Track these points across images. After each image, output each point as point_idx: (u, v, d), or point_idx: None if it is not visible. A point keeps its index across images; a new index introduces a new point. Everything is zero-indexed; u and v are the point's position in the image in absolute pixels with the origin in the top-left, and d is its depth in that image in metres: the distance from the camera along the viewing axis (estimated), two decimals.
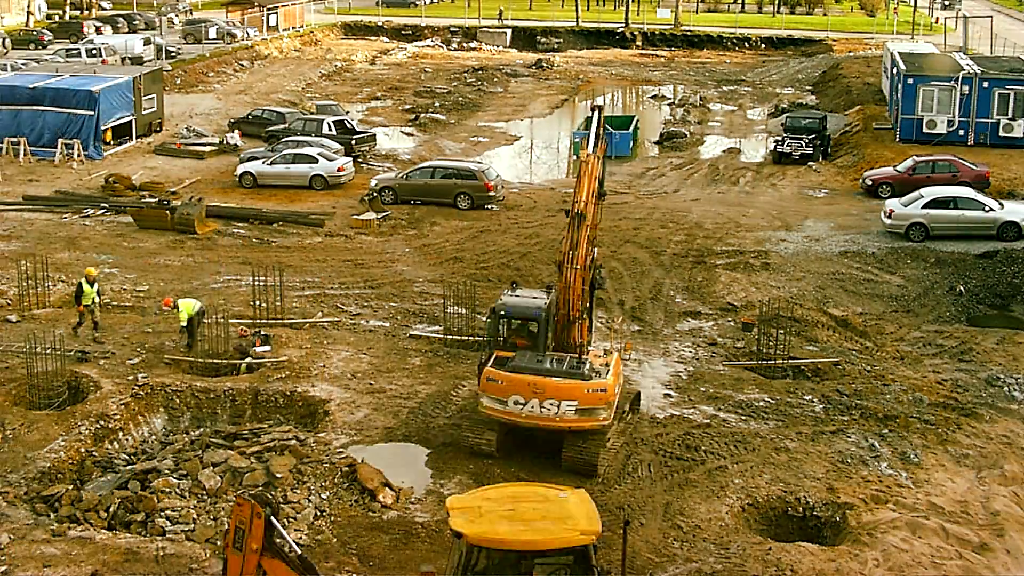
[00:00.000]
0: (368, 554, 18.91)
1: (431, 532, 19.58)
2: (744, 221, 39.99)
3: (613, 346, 28.06)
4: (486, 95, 69.93)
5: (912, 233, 36.97)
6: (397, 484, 21.07)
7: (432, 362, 26.95)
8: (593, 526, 14.34)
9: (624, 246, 36.78)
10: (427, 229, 39.10)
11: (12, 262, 32.62)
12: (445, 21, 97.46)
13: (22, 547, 18.51)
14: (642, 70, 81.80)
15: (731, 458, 22.22)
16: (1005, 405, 24.85)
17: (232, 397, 24.76)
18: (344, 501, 20.43)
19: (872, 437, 22.87)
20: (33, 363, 24.32)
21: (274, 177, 44.29)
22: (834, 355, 27.49)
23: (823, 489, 20.93)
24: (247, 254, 35.60)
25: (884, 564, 18.46)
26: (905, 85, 49.93)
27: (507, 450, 22.19)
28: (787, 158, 49.97)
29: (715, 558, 18.76)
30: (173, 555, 18.46)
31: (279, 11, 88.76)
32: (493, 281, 33.01)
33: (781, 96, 69.26)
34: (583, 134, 52.70)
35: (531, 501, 14.90)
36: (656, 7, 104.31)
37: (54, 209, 40.39)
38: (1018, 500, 20.75)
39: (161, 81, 56.25)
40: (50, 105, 48.66)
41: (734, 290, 32.34)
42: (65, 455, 21.86)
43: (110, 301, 30.58)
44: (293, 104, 62.10)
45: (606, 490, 20.92)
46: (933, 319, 30.59)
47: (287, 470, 21.08)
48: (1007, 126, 48.75)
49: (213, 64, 72.36)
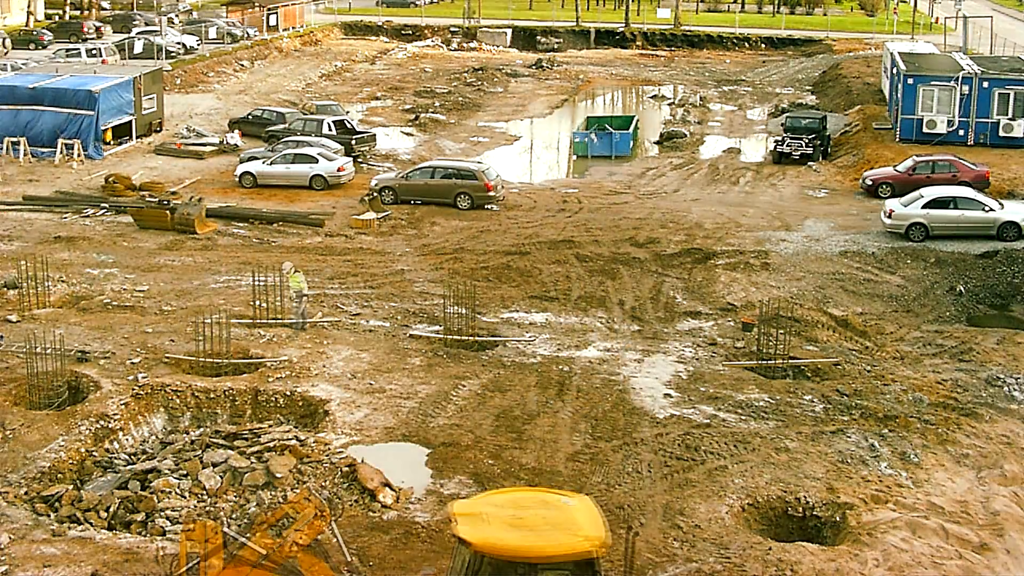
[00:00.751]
0: (368, 554, 18.89)
1: (431, 532, 19.58)
2: (744, 221, 39.99)
3: (613, 346, 28.15)
4: (486, 95, 69.94)
5: (912, 233, 36.97)
6: (397, 484, 21.07)
7: (432, 362, 26.96)
8: (600, 534, 14.31)
9: (624, 246, 36.78)
10: (427, 229, 39.11)
11: (12, 262, 32.64)
12: (445, 21, 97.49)
13: (22, 547, 18.51)
14: (642, 70, 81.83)
15: (731, 458, 22.22)
16: (1005, 405, 24.85)
17: (232, 397, 24.77)
18: (344, 501, 20.44)
19: (872, 437, 22.87)
20: (33, 363, 24.33)
21: (274, 177, 44.31)
22: (834, 355, 27.49)
23: (823, 489, 20.93)
24: (247, 254, 35.61)
25: (884, 564, 18.47)
26: (905, 85, 49.94)
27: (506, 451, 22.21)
28: (787, 158, 49.98)
29: (715, 558, 18.76)
30: (173, 555, 18.45)
31: (279, 11, 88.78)
32: (493, 281, 33.04)
33: (781, 96, 69.29)
34: (583, 134, 53.10)
35: (536, 508, 14.85)
36: (656, 7, 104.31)
37: (54, 209, 40.41)
38: (1018, 500, 20.74)
39: (161, 81, 56.26)
40: (50, 105, 48.68)
41: (734, 290, 32.35)
42: (65, 455, 21.87)
43: (110, 301, 30.61)
44: (293, 104, 62.12)
45: (607, 490, 20.93)
46: (933, 319, 30.60)
47: (287, 470, 21.08)
48: (1007, 126, 48.75)
49: (213, 64, 72.37)
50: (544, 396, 25.12)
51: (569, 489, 21.02)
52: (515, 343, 28.24)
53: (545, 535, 14.21)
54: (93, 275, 32.93)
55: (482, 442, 22.87)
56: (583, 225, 39.53)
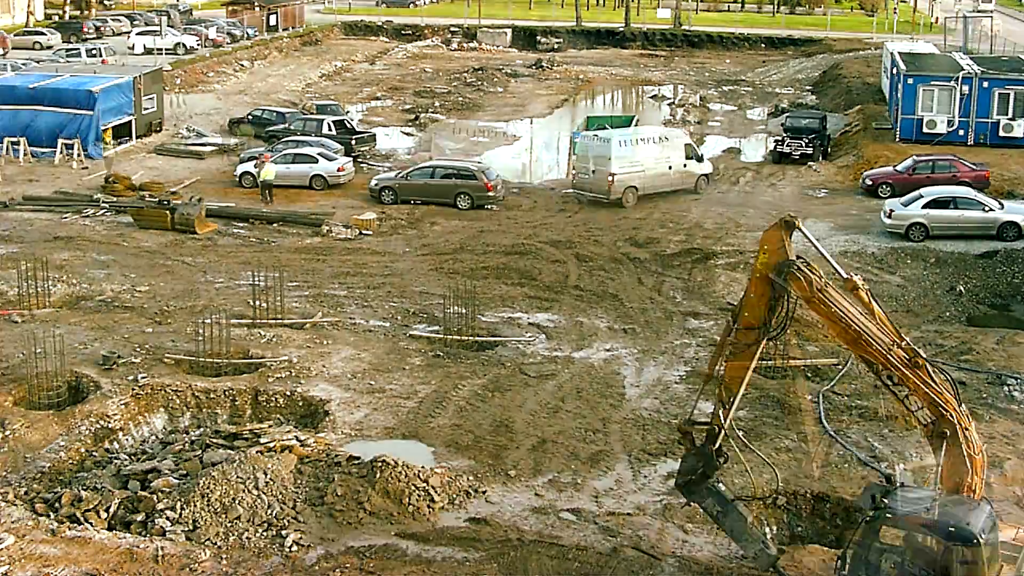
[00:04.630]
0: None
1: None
2: (744, 221, 39.99)
3: (613, 346, 28.14)
4: (486, 95, 69.94)
5: (912, 233, 36.95)
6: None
7: (432, 362, 26.95)
8: None
9: (624, 246, 36.77)
10: (427, 229, 39.12)
11: (12, 262, 32.63)
12: (445, 21, 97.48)
13: (22, 547, 18.50)
14: (642, 70, 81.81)
15: (731, 458, 22.18)
16: (1005, 405, 24.85)
17: (232, 397, 24.77)
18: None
19: (872, 437, 22.85)
20: (33, 363, 24.31)
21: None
22: (834, 355, 27.46)
23: (823, 489, 20.92)
24: (247, 254, 35.61)
25: None
26: (905, 85, 49.94)
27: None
28: (787, 158, 49.95)
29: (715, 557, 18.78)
30: (173, 555, 18.46)
31: (279, 11, 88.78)
32: (493, 281, 33.03)
33: (781, 96, 69.27)
34: (583, 134, 53.08)
35: None
36: (656, 7, 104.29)
37: (54, 209, 40.40)
38: (1018, 500, 20.75)
39: (161, 81, 56.28)
40: (50, 105, 48.67)
41: (734, 290, 32.31)
42: (65, 455, 21.86)
43: (110, 301, 30.60)
44: (293, 104, 62.12)
45: (608, 488, 20.93)
46: (933, 319, 30.59)
47: (287, 470, 21.06)
48: (1007, 126, 48.75)
49: (213, 64, 72.38)
50: (544, 396, 25.11)
51: (569, 488, 21.06)
52: (515, 343, 28.24)
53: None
54: (93, 275, 32.92)
55: (482, 442, 22.87)
56: (583, 225, 39.53)
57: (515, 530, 19.55)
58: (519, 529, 19.60)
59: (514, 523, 19.79)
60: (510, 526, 19.68)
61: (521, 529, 19.60)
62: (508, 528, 19.61)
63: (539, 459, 22.22)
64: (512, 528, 19.62)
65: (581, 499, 20.71)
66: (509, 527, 19.64)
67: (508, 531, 19.51)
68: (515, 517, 19.99)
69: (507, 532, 19.48)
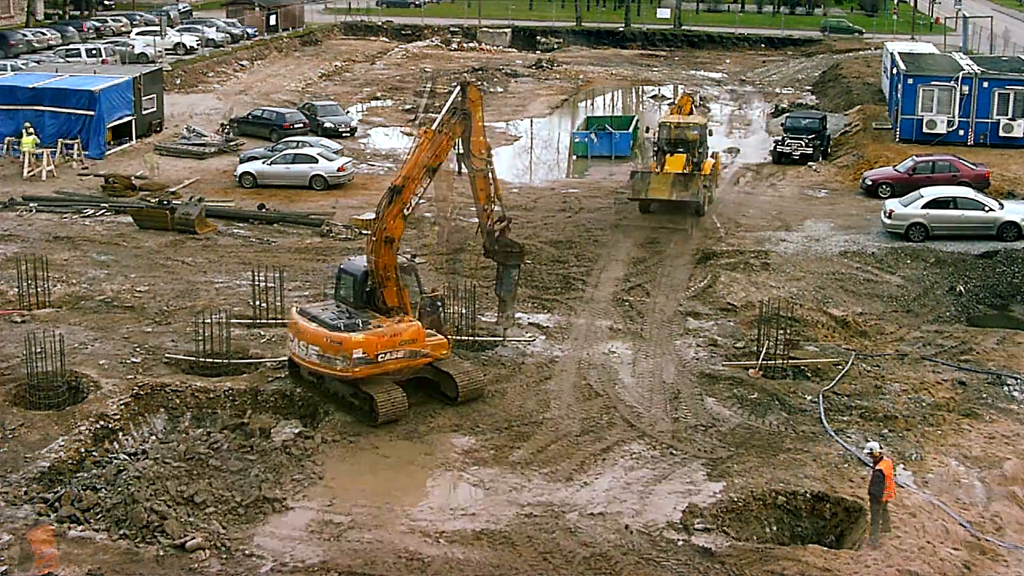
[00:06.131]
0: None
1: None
2: (744, 221, 39.98)
3: (614, 346, 28.13)
4: (486, 95, 69.63)
5: (912, 233, 36.94)
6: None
7: None
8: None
9: (624, 246, 36.76)
10: (427, 229, 39.10)
11: (12, 262, 32.62)
12: (445, 21, 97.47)
13: (22, 547, 18.48)
14: (642, 70, 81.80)
15: (731, 458, 22.23)
16: (1005, 405, 24.85)
17: (232, 397, 24.76)
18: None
19: (872, 437, 22.86)
20: (33, 363, 24.31)
21: (274, 177, 44.31)
22: (834, 355, 27.46)
23: (823, 489, 20.94)
24: (247, 254, 35.60)
25: (884, 564, 18.47)
26: (905, 85, 49.92)
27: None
28: (787, 158, 49.93)
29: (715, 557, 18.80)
30: (173, 555, 18.47)
31: (279, 11, 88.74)
32: (493, 281, 32.96)
33: (781, 96, 69.27)
34: (583, 134, 53.08)
35: None
36: (656, 7, 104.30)
37: (54, 209, 40.38)
38: (1018, 500, 20.75)
39: (161, 81, 56.26)
40: (50, 105, 48.64)
41: (734, 290, 32.33)
42: (65, 455, 21.86)
43: (110, 301, 30.60)
44: (293, 104, 62.13)
45: (608, 489, 20.92)
46: (933, 319, 30.59)
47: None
48: (1007, 126, 48.74)
49: (213, 64, 72.38)
50: (543, 396, 25.12)
51: (569, 488, 21.08)
52: (515, 343, 28.24)
53: None
54: (93, 275, 32.91)
55: (482, 441, 22.87)
56: (583, 225, 39.53)
57: (515, 530, 19.57)
58: (519, 529, 19.61)
59: (514, 523, 19.80)
60: (510, 526, 19.70)
61: (521, 528, 19.61)
62: (508, 528, 19.62)
63: (539, 458, 22.24)
64: (512, 528, 19.63)
65: (581, 498, 20.73)
66: (509, 527, 19.65)
67: (508, 531, 19.52)
68: (515, 517, 20.00)
69: (507, 532, 19.49)
